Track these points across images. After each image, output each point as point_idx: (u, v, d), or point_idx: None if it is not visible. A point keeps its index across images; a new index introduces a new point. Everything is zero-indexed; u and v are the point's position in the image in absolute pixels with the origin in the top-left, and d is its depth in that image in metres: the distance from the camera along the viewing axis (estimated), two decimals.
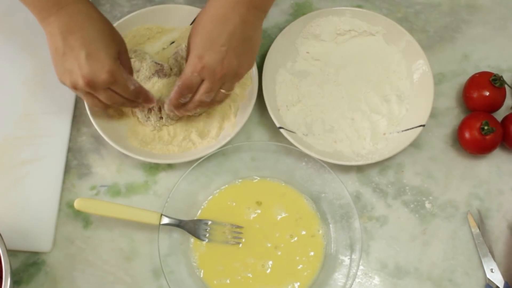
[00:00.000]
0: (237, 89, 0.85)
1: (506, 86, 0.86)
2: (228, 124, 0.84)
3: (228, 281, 0.78)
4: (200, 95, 0.75)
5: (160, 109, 0.83)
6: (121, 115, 0.85)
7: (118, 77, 0.72)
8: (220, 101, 0.79)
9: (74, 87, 0.73)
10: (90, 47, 0.71)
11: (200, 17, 0.75)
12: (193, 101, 0.77)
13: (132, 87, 0.75)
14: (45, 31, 0.73)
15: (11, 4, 0.91)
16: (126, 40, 0.88)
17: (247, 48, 0.74)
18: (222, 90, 0.76)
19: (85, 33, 0.71)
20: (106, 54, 0.72)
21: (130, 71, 0.80)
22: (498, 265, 0.80)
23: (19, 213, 0.80)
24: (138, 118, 0.84)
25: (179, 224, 0.78)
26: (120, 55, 0.76)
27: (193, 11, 0.89)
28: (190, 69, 0.73)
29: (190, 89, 0.75)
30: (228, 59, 0.72)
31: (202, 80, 0.74)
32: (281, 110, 0.85)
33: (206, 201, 0.82)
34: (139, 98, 0.77)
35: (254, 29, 0.74)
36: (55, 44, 0.72)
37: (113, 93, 0.74)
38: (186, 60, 0.76)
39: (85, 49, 0.70)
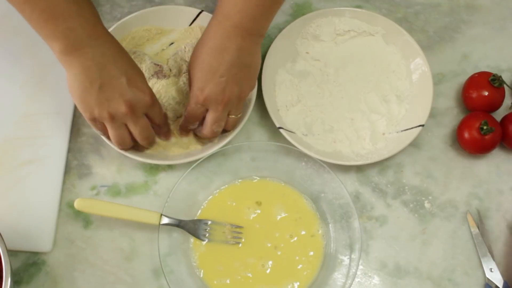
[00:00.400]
0: None
1: (505, 86, 0.86)
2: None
3: (228, 281, 0.78)
4: (209, 126, 0.78)
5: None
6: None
7: (155, 101, 0.77)
8: (233, 126, 0.81)
9: (113, 117, 0.73)
10: (128, 74, 0.73)
11: (198, 49, 0.77)
12: (206, 131, 0.80)
13: (163, 112, 0.80)
14: (74, 65, 0.72)
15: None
16: (126, 41, 0.88)
17: (247, 74, 0.77)
18: (231, 116, 0.79)
19: (120, 62, 0.74)
20: (142, 80, 0.75)
21: None
22: (498, 264, 0.80)
23: (19, 213, 0.80)
24: None
25: (179, 224, 0.78)
26: None
27: (193, 12, 0.89)
28: (193, 101, 0.77)
29: (196, 118, 0.79)
30: (229, 88, 0.75)
31: (207, 110, 0.77)
32: (281, 110, 0.86)
33: (206, 201, 0.82)
34: (165, 127, 0.81)
35: (251, 55, 0.76)
36: (90, 76, 0.71)
37: (148, 124, 0.77)
38: (190, 88, 0.78)
39: (126, 76, 0.73)
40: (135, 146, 0.81)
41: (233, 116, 0.79)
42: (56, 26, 0.71)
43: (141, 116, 0.76)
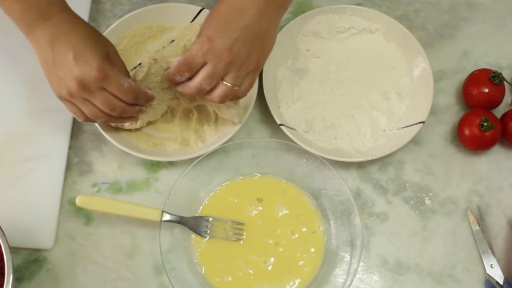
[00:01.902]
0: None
1: (505, 83, 0.86)
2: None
3: (229, 278, 0.78)
4: (200, 78, 0.71)
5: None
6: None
7: (108, 73, 0.70)
8: (219, 97, 0.73)
9: (71, 95, 0.71)
10: (77, 49, 0.70)
11: (217, 5, 0.72)
12: (192, 84, 0.72)
13: (126, 84, 0.72)
14: (33, 45, 0.73)
15: None
16: (127, 39, 0.88)
17: (259, 43, 0.72)
18: (224, 82, 0.72)
19: (71, 38, 0.71)
20: (92, 53, 0.70)
21: (124, 72, 0.77)
22: (498, 261, 0.80)
23: (21, 210, 0.80)
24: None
25: (180, 221, 0.78)
26: (110, 56, 0.74)
27: (194, 9, 0.89)
28: (196, 47, 0.70)
29: (189, 68, 0.71)
30: (238, 46, 0.70)
31: (205, 64, 0.71)
32: (282, 107, 0.86)
33: (207, 198, 0.82)
34: (139, 99, 0.74)
35: (269, 24, 0.72)
36: (45, 55, 0.71)
37: (109, 95, 0.71)
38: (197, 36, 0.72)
39: (73, 52, 0.70)
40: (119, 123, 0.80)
41: (226, 82, 0.72)
42: (11, 9, 0.72)
43: (97, 90, 0.70)
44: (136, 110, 0.76)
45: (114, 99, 0.72)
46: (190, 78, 0.73)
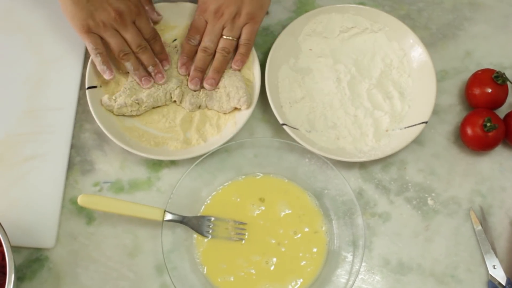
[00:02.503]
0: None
1: (508, 83, 0.86)
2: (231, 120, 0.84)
3: (231, 278, 0.78)
4: (204, 38, 0.85)
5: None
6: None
7: (141, 10, 0.83)
8: (222, 49, 0.84)
9: (104, 25, 0.80)
10: None
11: None
12: (200, 46, 0.85)
13: (152, 25, 0.85)
14: None
15: (14, 0, 0.91)
16: None
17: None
18: (224, 36, 0.84)
19: None
20: None
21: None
22: (500, 261, 0.80)
23: (22, 209, 0.80)
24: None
25: (182, 220, 0.78)
26: None
27: (196, 8, 0.89)
28: (197, 13, 0.86)
29: (196, 30, 0.86)
30: (226, 5, 0.83)
31: (206, 24, 0.85)
32: (284, 107, 0.86)
33: (210, 198, 0.82)
34: (157, 43, 0.85)
35: None
36: None
37: (137, 31, 0.82)
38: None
39: None
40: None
41: (225, 36, 0.84)
42: None
43: (130, 24, 0.82)
44: (153, 60, 0.84)
45: (141, 35, 0.83)
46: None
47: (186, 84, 0.86)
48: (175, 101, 0.85)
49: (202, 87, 0.86)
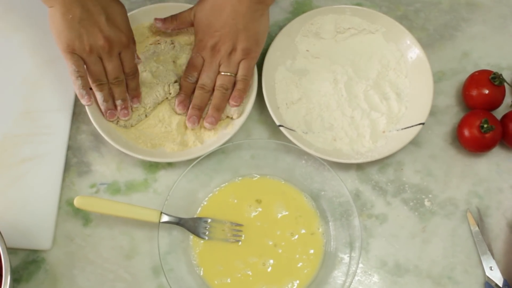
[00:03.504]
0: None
1: (505, 84, 0.86)
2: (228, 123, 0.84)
3: (228, 280, 0.78)
4: (202, 75, 0.84)
5: None
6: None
7: (131, 44, 0.82)
8: (221, 86, 0.83)
9: (91, 50, 0.77)
10: (108, 12, 0.78)
11: (202, 5, 0.84)
12: (198, 83, 0.84)
13: (137, 60, 0.83)
14: (56, 1, 0.75)
15: (12, 1, 0.91)
16: None
17: (243, 35, 0.82)
18: (222, 73, 0.83)
19: (101, 0, 0.78)
20: (122, 19, 0.80)
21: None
22: (497, 263, 0.80)
23: (19, 211, 0.80)
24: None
25: (179, 222, 0.78)
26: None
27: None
28: (194, 51, 0.85)
29: (194, 67, 0.85)
30: (222, 42, 0.82)
31: (204, 61, 0.84)
32: (281, 108, 0.85)
33: (206, 199, 0.82)
34: (134, 77, 0.83)
35: (247, 19, 0.81)
36: (71, 11, 0.75)
37: (119, 64, 0.80)
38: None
39: (105, 14, 0.78)
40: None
41: (223, 72, 0.83)
42: None
43: (116, 55, 0.80)
44: (124, 95, 0.83)
45: (121, 69, 0.81)
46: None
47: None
48: (173, 97, 0.85)
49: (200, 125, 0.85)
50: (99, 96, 0.81)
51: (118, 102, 0.82)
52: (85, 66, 0.79)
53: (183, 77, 0.85)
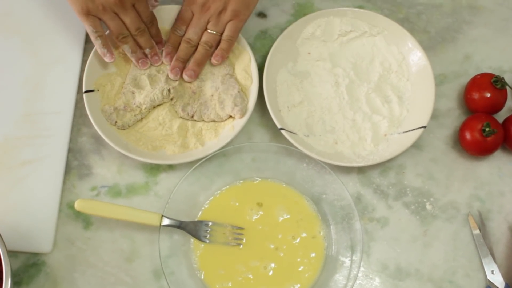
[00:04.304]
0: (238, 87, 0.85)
1: (507, 87, 0.86)
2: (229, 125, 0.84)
3: (229, 283, 0.77)
4: (189, 29, 0.86)
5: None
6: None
7: None
8: (205, 43, 0.85)
9: (104, 8, 0.80)
10: None
11: None
12: (184, 37, 0.86)
13: (151, 8, 0.86)
14: None
15: (12, 3, 0.91)
16: None
17: None
18: (208, 30, 0.85)
19: None
20: None
21: None
22: (499, 266, 0.80)
23: (19, 213, 0.80)
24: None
25: (180, 225, 0.78)
26: None
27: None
28: (185, 4, 0.87)
29: (183, 20, 0.86)
30: (213, 0, 0.84)
31: (193, 15, 0.86)
32: (282, 111, 0.85)
33: (207, 202, 0.81)
34: (153, 27, 0.86)
35: None
36: None
37: (137, 14, 0.83)
38: None
39: None
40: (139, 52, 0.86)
41: (210, 30, 0.85)
42: None
43: (130, 8, 0.82)
44: (151, 43, 0.86)
45: (140, 19, 0.83)
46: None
47: (179, 88, 0.86)
48: (172, 99, 0.85)
49: (182, 78, 0.87)
50: (126, 49, 0.84)
51: (147, 51, 0.85)
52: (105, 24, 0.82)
53: (172, 29, 0.87)
